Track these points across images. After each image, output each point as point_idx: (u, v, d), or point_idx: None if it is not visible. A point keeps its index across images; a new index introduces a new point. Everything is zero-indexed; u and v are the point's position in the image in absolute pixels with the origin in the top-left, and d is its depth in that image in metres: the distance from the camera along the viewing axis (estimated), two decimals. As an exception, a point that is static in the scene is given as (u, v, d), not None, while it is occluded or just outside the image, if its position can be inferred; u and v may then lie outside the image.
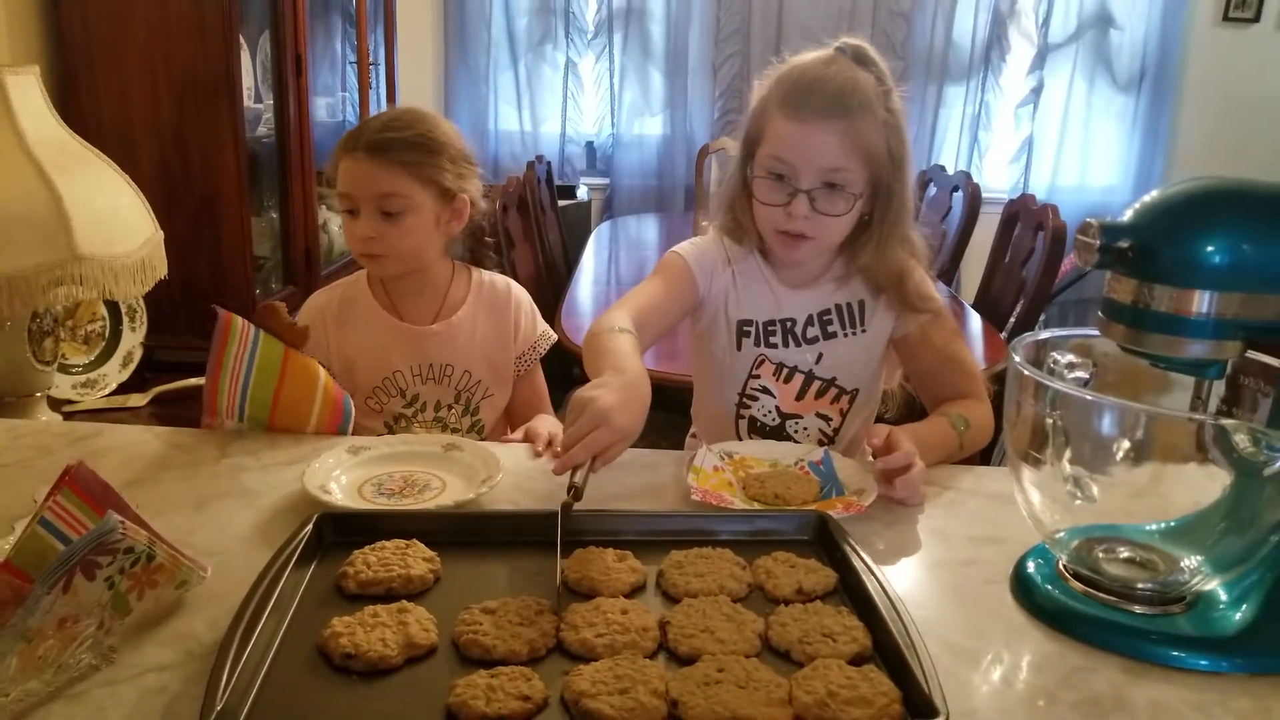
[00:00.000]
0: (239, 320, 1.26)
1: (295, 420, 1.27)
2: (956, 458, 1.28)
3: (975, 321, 2.66)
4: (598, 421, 0.96)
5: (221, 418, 1.25)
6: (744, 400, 1.39)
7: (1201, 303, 0.82)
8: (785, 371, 1.37)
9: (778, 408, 1.38)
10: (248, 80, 2.27)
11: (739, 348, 1.37)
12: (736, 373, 1.38)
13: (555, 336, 1.59)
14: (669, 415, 2.37)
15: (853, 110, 1.22)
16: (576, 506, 0.93)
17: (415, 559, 0.89)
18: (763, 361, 1.37)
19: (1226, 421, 0.78)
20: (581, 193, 4.43)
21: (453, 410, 1.49)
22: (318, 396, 1.28)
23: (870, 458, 1.34)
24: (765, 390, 1.38)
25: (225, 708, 0.67)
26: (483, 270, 1.57)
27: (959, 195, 3.49)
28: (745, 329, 1.37)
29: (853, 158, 1.23)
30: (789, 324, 1.36)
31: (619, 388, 1.01)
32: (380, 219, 1.39)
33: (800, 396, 1.37)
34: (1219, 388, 0.90)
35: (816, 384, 1.37)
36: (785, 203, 1.25)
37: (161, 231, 1.65)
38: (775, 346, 1.36)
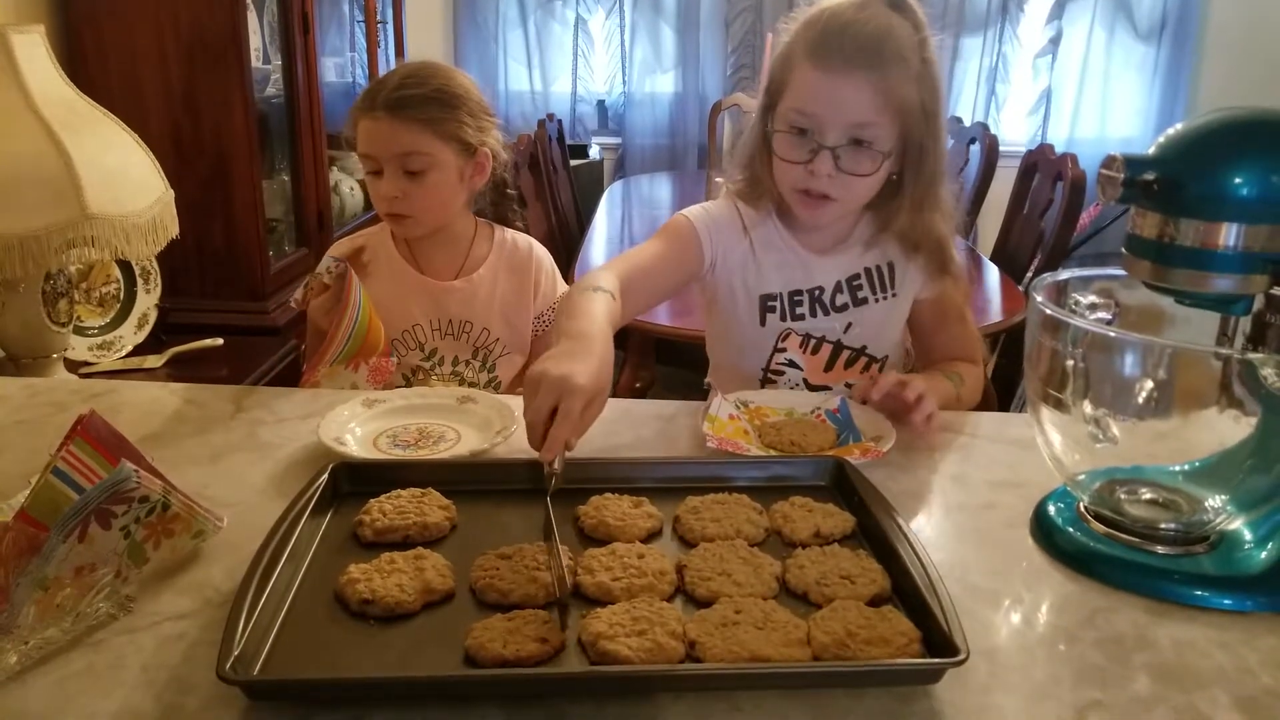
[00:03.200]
0: (352, 273, 1.40)
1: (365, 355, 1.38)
2: (953, 409, 1.26)
3: (993, 274, 2.63)
4: (558, 392, 0.87)
5: (325, 365, 1.33)
6: (769, 375, 1.33)
7: (1228, 236, 0.80)
8: (813, 342, 1.31)
9: (805, 380, 1.32)
10: (255, 40, 2.24)
11: (763, 323, 1.30)
12: (760, 348, 1.32)
13: None
14: (684, 371, 2.37)
15: (885, 60, 1.13)
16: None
17: (431, 507, 0.89)
18: (789, 334, 1.31)
19: (1254, 355, 0.76)
20: (593, 152, 4.40)
21: (470, 366, 1.49)
22: (379, 348, 1.40)
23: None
24: (792, 363, 1.32)
25: (243, 652, 0.67)
26: (506, 229, 1.56)
27: (976, 148, 3.44)
28: (769, 304, 1.30)
29: (883, 112, 1.15)
30: (817, 293, 1.29)
31: (569, 352, 0.93)
32: (404, 178, 1.39)
33: (829, 368, 1.32)
34: (1244, 326, 0.88)
35: (846, 354, 1.32)
36: (807, 160, 1.17)
37: (172, 191, 1.64)
38: (802, 318, 1.30)
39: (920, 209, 1.24)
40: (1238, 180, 0.79)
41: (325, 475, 0.92)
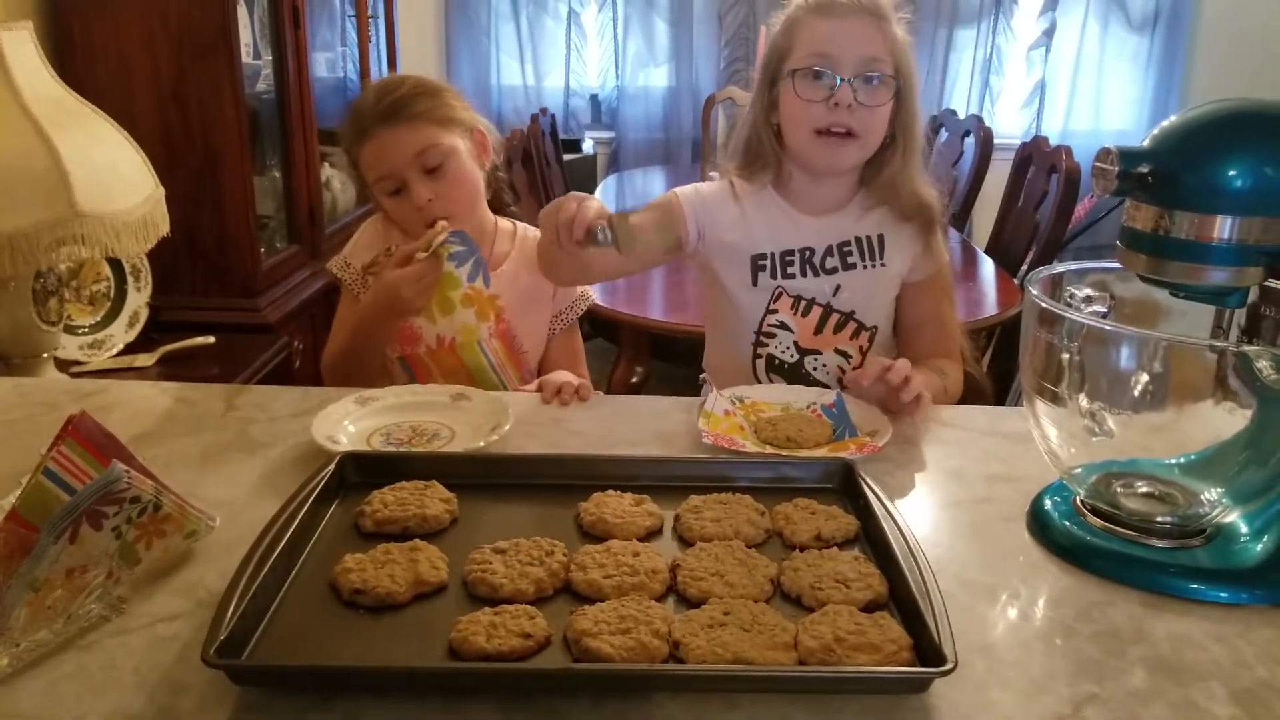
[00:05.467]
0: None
1: None
2: (940, 402, 1.27)
3: (988, 267, 2.63)
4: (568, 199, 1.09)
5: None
6: (761, 339, 1.38)
7: (1223, 228, 0.80)
8: (803, 304, 1.36)
9: (796, 343, 1.37)
10: (245, 36, 2.23)
11: (755, 283, 1.37)
12: (753, 310, 1.37)
13: (593, 297, 1.56)
14: (678, 367, 2.37)
15: (881, 13, 1.29)
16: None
17: (433, 499, 0.89)
18: (780, 294, 1.36)
19: (1249, 348, 0.76)
20: (587, 146, 4.39)
21: None
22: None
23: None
24: (783, 325, 1.37)
25: (230, 637, 0.67)
26: (527, 226, 1.54)
27: (970, 140, 3.44)
28: (760, 263, 1.36)
29: (886, 52, 1.28)
30: (807, 253, 1.36)
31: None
32: (428, 180, 1.37)
33: (819, 330, 1.37)
34: (1239, 319, 0.88)
35: (835, 317, 1.36)
36: (827, 96, 1.26)
37: (162, 188, 1.63)
38: (793, 277, 1.36)
39: (909, 159, 1.34)
40: (1232, 172, 0.79)
41: (332, 465, 0.92)
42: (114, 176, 1.53)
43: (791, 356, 1.37)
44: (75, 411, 0.84)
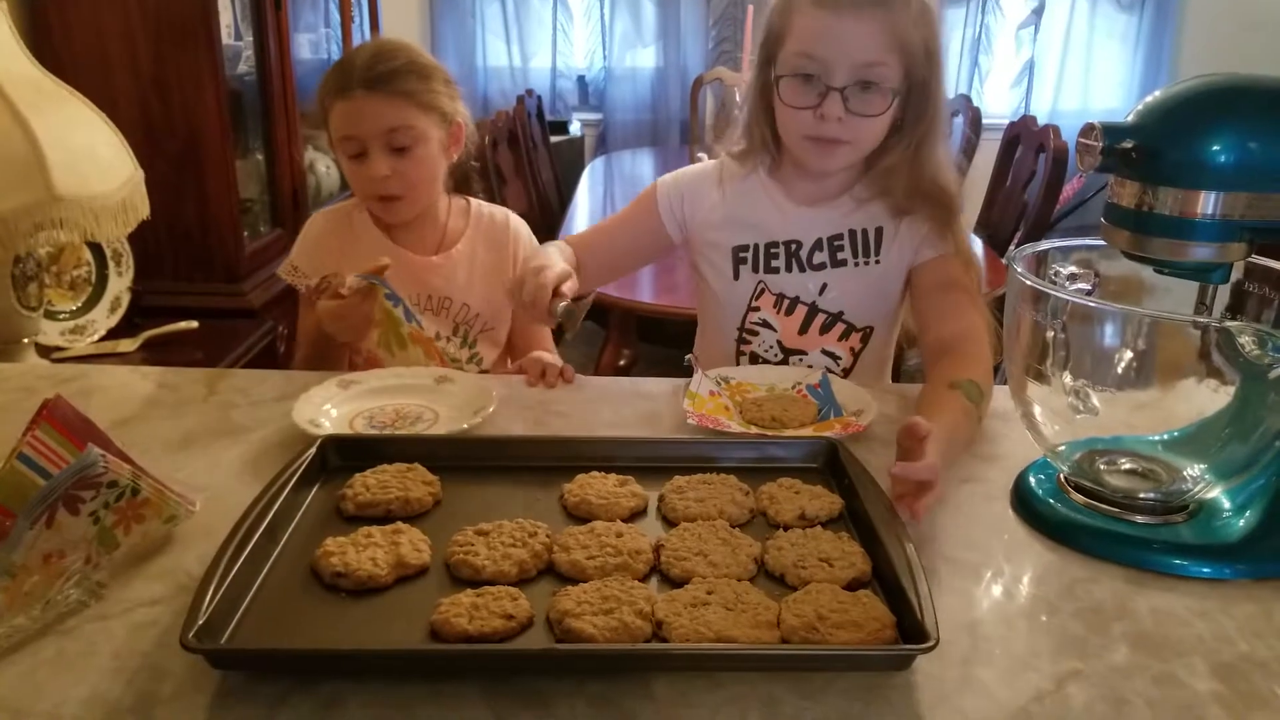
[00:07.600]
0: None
1: None
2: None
3: (976, 247, 2.62)
4: (533, 269, 1.08)
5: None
6: (744, 335, 1.32)
7: (1206, 204, 0.79)
8: (786, 303, 1.28)
9: (780, 342, 1.30)
10: (226, 17, 2.20)
11: (736, 276, 1.30)
12: (735, 305, 1.31)
13: None
14: (666, 350, 2.36)
15: (889, 1, 1.12)
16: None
17: (415, 482, 0.88)
18: (762, 291, 1.29)
19: (1231, 324, 0.76)
20: (574, 128, 4.37)
21: (451, 342, 1.47)
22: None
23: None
24: (765, 324, 1.30)
25: (209, 622, 0.67)
26: (481, 202, 1.54)
27: (959, 120, 3.43)
28: (741, 255, 1.29)
29: (890, 52, 1.13)
30: (794, 246, 1.27)
31: (532, 258, 1.13)
32: (391, 155, 1.36)
33: (803, 331, 1.29)
34: (1223, 295, 0.88)
35: (821, 318, 1.28)
36: (815, 104, 1.15)
37: (141, 170, 1.61)
38: (776, 271, 1.28)
39: (920, 148, 1.20)
40: (1215, 147, 0.78)
41: (314, 449, 0.92)
42: (92, 160, 1.52)
43: (775, 356, 1.30)
44: (50, 396, 0.83)
